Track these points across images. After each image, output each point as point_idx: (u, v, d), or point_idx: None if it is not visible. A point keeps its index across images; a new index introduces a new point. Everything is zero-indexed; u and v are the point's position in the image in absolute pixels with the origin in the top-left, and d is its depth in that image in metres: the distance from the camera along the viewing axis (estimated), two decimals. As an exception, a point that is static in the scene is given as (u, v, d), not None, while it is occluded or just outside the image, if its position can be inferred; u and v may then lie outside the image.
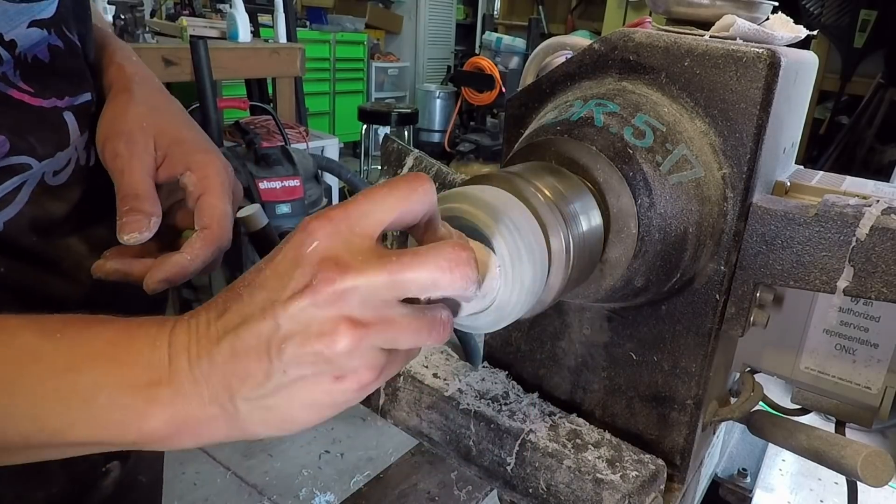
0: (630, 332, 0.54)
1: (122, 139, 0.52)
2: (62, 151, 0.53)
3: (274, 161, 2.42)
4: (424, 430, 0.57)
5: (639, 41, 0.48)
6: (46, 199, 0.53)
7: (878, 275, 0.43)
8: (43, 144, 0.51)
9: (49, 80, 0.52)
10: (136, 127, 0.53)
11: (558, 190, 0.40)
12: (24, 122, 0.49)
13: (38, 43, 0.51)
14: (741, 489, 0.91)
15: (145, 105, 0.55)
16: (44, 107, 0.51)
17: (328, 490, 2.08)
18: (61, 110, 0.53)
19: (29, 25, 0.50)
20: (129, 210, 0.49)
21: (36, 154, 0.50)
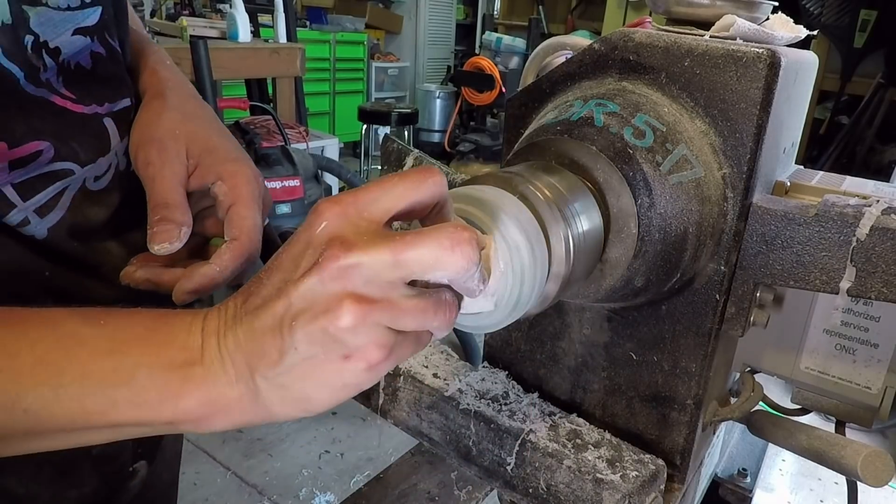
0: (630, 332, 0.54)
1: (154, 146, 0.52)
2: (103, 157, 0.53)
3: (274, 161, 2.42)
4: (424, 430, 0.57)
5: (639, 41, 0.48)
6: (87, 204, 0.53)
7: (878, 275, 0.43)
8: (85, 150, 0.51)
9: (90, 86, 0.52)
10: (169, 134, 0.53)
11: (558, 190, 0.40)
12: (67, 128, 0.50)
13: (82, 50, 0.51)
14: (741, 489, 0.91)
15: (178, 111, 0.55)
16: (85, 113, 0.52)
17: (328, 490, 2.08)
18: (102, 116, 0.53)
19: (73, 33, 0.50)
20: (160, 220, 0.49)
21: (79, 160, 0.51)
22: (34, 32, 0.47)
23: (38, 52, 0.47)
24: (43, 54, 0.48)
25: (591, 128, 0.45)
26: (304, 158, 2.56)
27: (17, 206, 0.48)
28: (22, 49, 0.46)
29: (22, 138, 0.47)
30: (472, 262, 0.32)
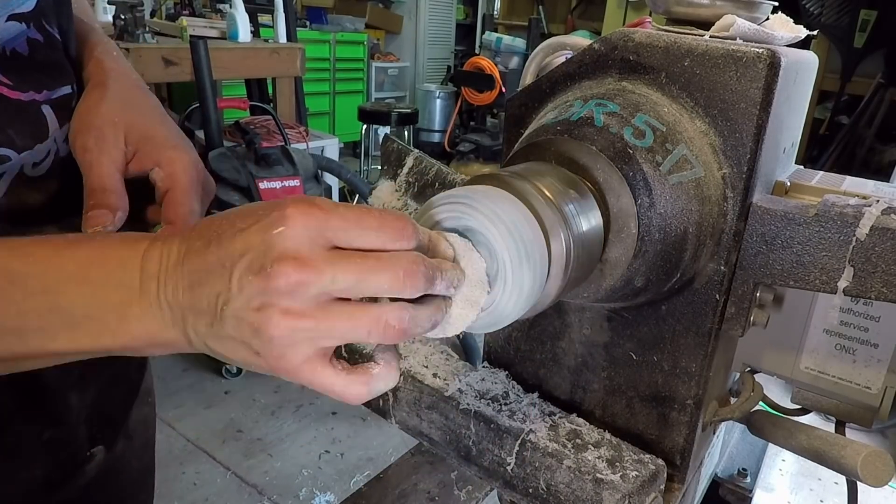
0: (630, 332, 0.54)
1: (92, 133, 0.53)
2: (41, 144, 0.53)
3: (274, 161, 2.42)
4: (424, 430, 0.57)
5: (639, 41, 0.48)
6: (24, 189, 0.53)
7: (878, 275, 0.43)
8: (22, 137, 0.52)
9: (28, 73, 0.52)
10: (107, 122, 0.53)
11: (558, 190, 0.40)
12: (3, 114, 0.50)
13: (17, 36, 0.51)
14: (741, 489, 0.91)
15: (118, 100, 0.56)
16: (22, 100, 0.52)
17: (328, 490, 2.08)
18: (39, 104, 0.53)
19: (7, 19, 0.50)
20: (94, 204, 0.50)
21: (15, 146, 0.51)
22: None
23: None
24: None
25: (591, 128, 0.45)
26: (304, 158, 2.56)
27: None
28: None
29: None
30: (418, 290, 0.34)
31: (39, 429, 0.59)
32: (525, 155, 0.46)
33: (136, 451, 0.75)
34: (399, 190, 0.68)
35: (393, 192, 0.68)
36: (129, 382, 0.74)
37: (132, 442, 0.74)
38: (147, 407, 0.78)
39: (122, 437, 0.72)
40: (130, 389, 0.74)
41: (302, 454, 2.23)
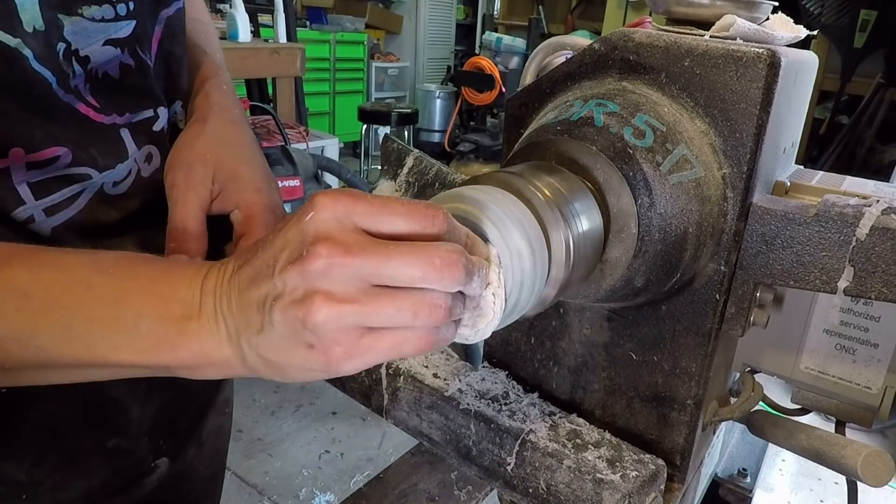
0: (630, 332, 0.54)
1: (182, 169, 0.54)
2: (122, 163, 0.55)
3: (274, 161, 2.42)
4: (424, 430, 0.57)
5: (639, 41, 0.48)
6: (101, 206, 0.55)
7: (878, 275, 0.43)
8: (103, 157, 0.53)
9: (115, 95, 0.53)
10: (199, 159, 0.55)
11: (558, 190, 0.40)
12: (86, 135, 0.51)
13: (111, 60, 0.53)
14: (741, 489, 0.92)
15: (214, 136, 0.57)
16: (104, 123, 0.53)
17: (328, 490, 2.08)
18: (119, 127, 0.55)
19: (104, 43, 0.51)
20: (175, 248, 0.51)
21: (97, 165, 0.52)
22: (66, 40, 0.48)
23: (69, 59, 0.49)
24: (73, 61, 0.49)
25: (591, 128, 0.45)
26: (304, 158, 2.56)
27: (27, 203, 0.49)
28: (54, 55, 0.47)
29: (41, 143, 0.48)
30: (458, 283, 0.33)
31: (101, 439, 0.60)
32: (525, 155, 0.46)
33: (205, 459, 0.76)
34: (399, 190, 0.68)
35: (393, 192, 0.69)
36: (202, 395, 0.75)
37: (203, 450, 0.75)
38: (223, 417, 0.80)
39: (194, 445, 0.73)
40: (203, 402, 0.75)
41: (302, 454, 2.23)
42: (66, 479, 0.58)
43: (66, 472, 0.58)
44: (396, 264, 0.32)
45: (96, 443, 0.60)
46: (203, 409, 0.75)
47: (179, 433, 0.70)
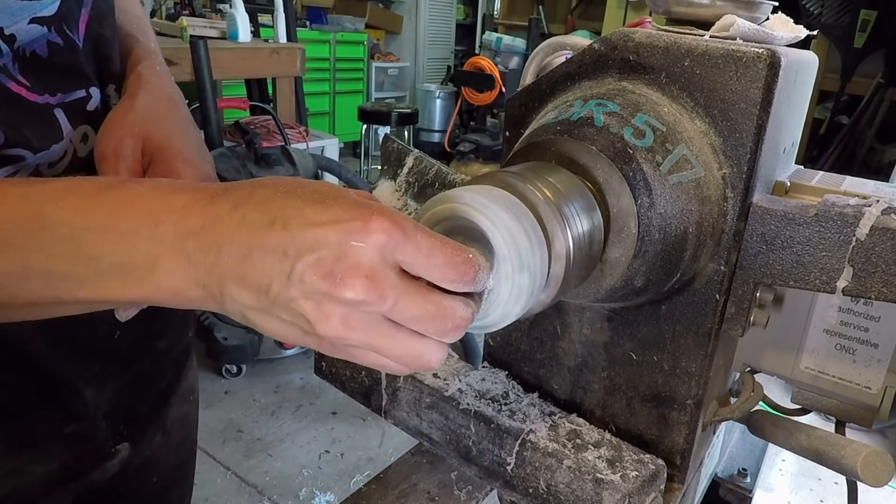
0: (630, 332, 0.54)
1: (111, 143, 0.54)
2: (57, 144, 0.55)
3: (274, 161, 2.42)
4: (424, 430, 0.57)
5: (639, 41, 0.48)
6: None
7: (877, 275, 0.43)
8: (38, 138, 0.53)
9: (45, 75, 0.53)
10: (128, 132, 0.55)
11: (558, 190, 0.40)
12: (19, 115, 0.51)
13: (38, 39, 0.53)
14: (741, 489, 0.91)
15: (143, 111, 0.57)
16: (37, 102, 0.53)
17: (328, 490, 2.08)
18: (52, 107, 0.55)
19: (30, 22, 0.51)
20: None
21: (31, 146, 0.52)
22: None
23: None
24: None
25: (591, 128, 0.45)
26: (304, 158, 2.55)
27: None
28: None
29: None
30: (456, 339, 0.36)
31: (59, 423, 0.60)
32: (525, 155, 0.46)
33: (173, 447, 0.77)
34: (399, 190, 0.68)
35: (393, 192, 0.68)
36: (162, 381, 0.75)
37: (170, 438, 0.75)
38: (188, 404, 0.80)
39: (159, 432, 0.73)
40: (164, 389, 0.75)
41: (302, 454, 2.23)
42: (23, 464, 0.58)
43: (23, 456, 0.58)
44: (415, 318, 0.34)
45: (53, 427, 0.60)
46: (165, 396, 0.75)
47: (141, 419, 0.71)
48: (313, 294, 0.32)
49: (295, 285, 0.32)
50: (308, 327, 0.34)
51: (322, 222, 0.33)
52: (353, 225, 0.32)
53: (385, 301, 0.33)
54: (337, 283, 0.32)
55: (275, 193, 0.35)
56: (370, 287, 0.32)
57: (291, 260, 0.32)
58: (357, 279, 0.32)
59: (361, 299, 0.32)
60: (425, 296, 0.34)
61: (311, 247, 0.32)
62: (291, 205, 0.34)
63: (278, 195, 0.34)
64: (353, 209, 0.33)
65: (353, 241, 0.32)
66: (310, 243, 0.32)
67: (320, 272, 0.32)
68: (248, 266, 0.33)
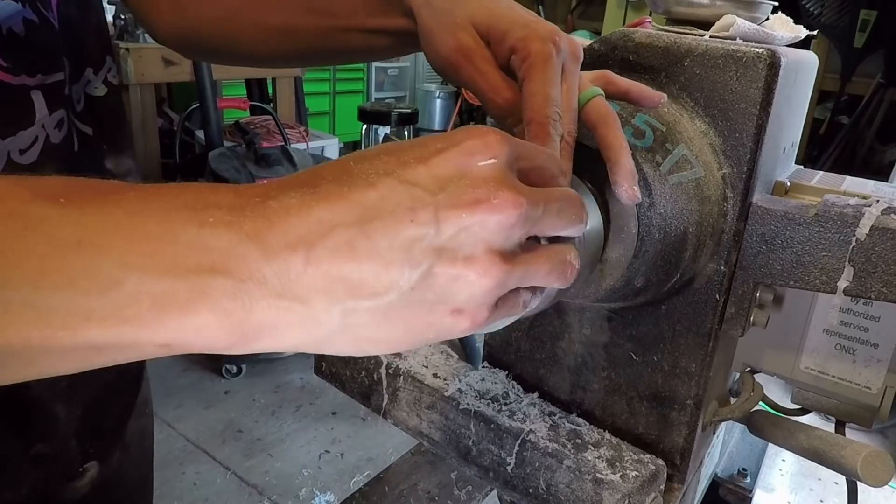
0: (630, 332, 0.54)
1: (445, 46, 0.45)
2: (25, 130, 0.51)
3: (274, 161, 2.42)
4: (424, 430, 0.57)
5: (639, 41, 0.48)
6: None
7: (878, 275, 0.43)
8: (4, 122, 0.49)
9: (23, 55, 0.50)
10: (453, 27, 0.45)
11: (558, 190, 0.40)
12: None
13: (13, 15, 0.49)
14: (741, 489, 0.91)
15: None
16: (12, 84, 0.50)
17: (328, 490, 2.08)
18: (29, 88, 0.51)
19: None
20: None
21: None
22: None
23: None
24: None
25: (591, 128, 0.44)
26: (304, 158, 2.56)
27: None
28: None
29: None
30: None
31: (26, 444, 0.56)
32: (525, 155, 0.46)
33: (133, 463, 0.73)
34: (399, 190, 0.68)
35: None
36: (125, 394, 0.71)
37: (129, 453, 0.72)
38: (144, 418, 0.75)
39: (119, 449, 0.69)
40: (127, 402, 0.72)
41: (302, 454, 2.23)
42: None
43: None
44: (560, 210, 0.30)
45: (21, 449, 0.55)
46: (127, 409, 0.71)
47: (105, 435, 0.66)
48: (465, 239, 0.27)
49: (443, 237, 0.26)
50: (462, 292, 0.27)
51: (432, 155, 0.27)
52: (468, 145, 0.28)
53: (537, 203, 0.28)
54: (493, 207, 0.26)
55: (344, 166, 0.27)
56: (519, 199, 0.27)
57: (426, 209, 0.26)
58: (506, 192, 0.27)
59: (520, 210, 0.27)
60: (549, 190, 0.30)
61: (440, 184, 0.27)
62: (380, 161, 0.27)
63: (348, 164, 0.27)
64: (447, 137, 0.28)
65: (479, 160, 0.27)
66: (435, 181, 0.27)
67: (465, 204, 0.26)
68: (363, 249, 0.26)
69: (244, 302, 0.25)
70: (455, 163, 0.27)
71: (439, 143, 0.28)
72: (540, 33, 0.41)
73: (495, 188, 0.27)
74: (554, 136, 0.38)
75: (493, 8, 0.44)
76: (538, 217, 0.29)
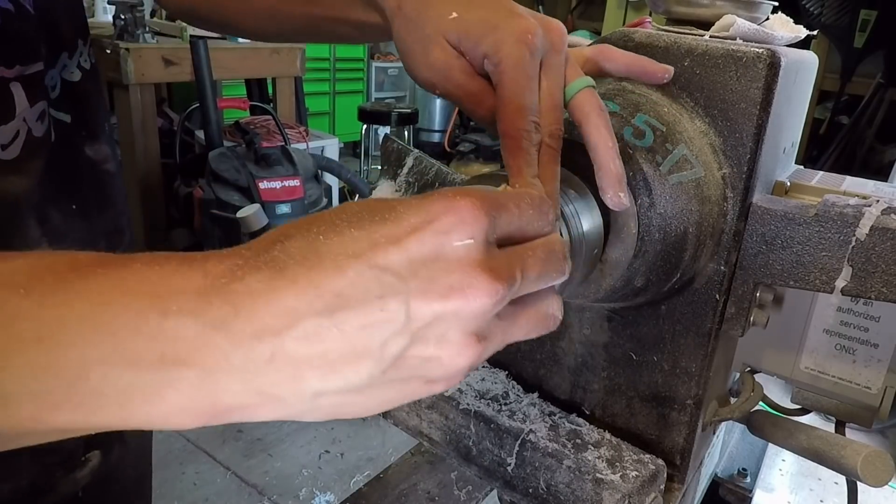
0: (630, 332, 0.54)
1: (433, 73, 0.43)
2: (6, 125, 0.49)
3: (274, 161, 2.42)
4: (424, 430, 0.57)
5: (639, 41, 0.48)
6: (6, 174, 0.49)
7: (877, 275, 0.43)
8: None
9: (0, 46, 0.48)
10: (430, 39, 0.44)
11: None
12: None
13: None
14: (741, 489, 0.91)
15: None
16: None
17: (328, 490, 2.08)
18: (9, 81, 0.49)
19: None
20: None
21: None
22: None
23: None
24: None
25: (591, 128, 0.44)
26: (304, 158, 2.56)
27: None
28: None
29: None
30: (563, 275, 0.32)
31: None
32: (525, 155, 0.46)
33: (132, 459, 0.73)
34: (399, 190, 0.68)
35: (393, 193, 0.68)
36: None
37: (127, 448, 0.71)
38: None
39: (117, 442, 0.69)
40: None
41: (302, 454, 2.23)
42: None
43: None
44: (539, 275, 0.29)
45: None
46: None
47: None
48: (438, 325, 0.26)
49: (414, 326, 0.26)
50: (436, 370, 0.27)
51: (405, 235, 0.26)
52: (443, 224, 0.26)
53: (514, 280, 0.27)
54: (467, 296, 0.26)
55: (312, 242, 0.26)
56: (495, 279, 0.26)
57: (397, 298, 0.25)
58: (482, 280, 0.26)
59: (495, 298, 0.26)
60: (530, 249, 0.29)
61: (412, 270, 0.25)
62: (349, 238, 0.26)
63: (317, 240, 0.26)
64: (421, 209, 0.27)
65: (455, 240, 0.26)
66: (407, 266, 0.25)
67: (437, 293, 0.26)
68: (332, 338, 0.25)
69: (211, 390, 0.25)
70: (429, 244, 0.26)
71: (413, 216, 0.26)
72: (511, 34, 0.38)
73: (470, 274, 0.26)
74: (528, 147, 0.36)
75: (463, 13, 0.41)
76: (517, 289, 0.28)
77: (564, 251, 0.31)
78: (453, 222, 0.26)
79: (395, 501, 0.69)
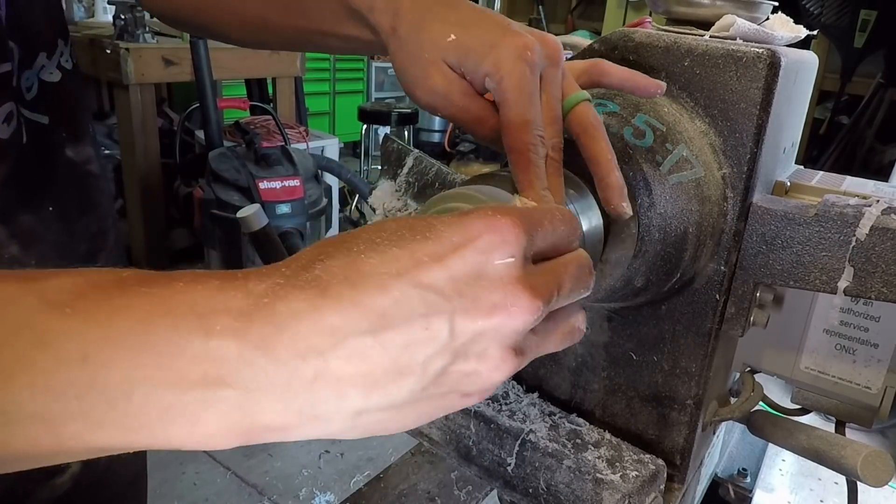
0: (630, 332, 0.54)
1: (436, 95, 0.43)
2: None
3: (274, 161, 2.42)
4: (424, 429, 0.57)
5: (639, 41, 0.48)
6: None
7: (878, 275, 0.43)
8: None
9: None
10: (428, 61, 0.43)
11: (558, 190, 0.40)
12: None
13: None
14: (741, 489, 0.91)
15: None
16: None
17: (328, 490, 2.08)
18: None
19: None
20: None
21: None
22: None
23: None
24: None
25: (591, 128, 0.44)
26: (304, 158, 2.56)
27: None
28: None
29: None
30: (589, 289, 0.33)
31: None
32: (525, 155, 0.46)
33: (124, 461, 0.71)
34: (399, 190, 0.68)
35: (393, 192, 0.68)
36: None
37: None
38: None
39: None
40: None
41: (302, 454, 2.23)
42: None
43: None
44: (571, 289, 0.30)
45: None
46: None
47: None
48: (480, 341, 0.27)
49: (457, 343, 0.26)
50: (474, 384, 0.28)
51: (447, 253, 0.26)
52: (485, 242, 0.27)
53: (552, 297, 0.28)
54: (510, 314, 0.26)
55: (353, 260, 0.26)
56: (535, 297, 0.27)
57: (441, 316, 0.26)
58: (524, 298, 0.27)
59: (536, 315, 0.27)
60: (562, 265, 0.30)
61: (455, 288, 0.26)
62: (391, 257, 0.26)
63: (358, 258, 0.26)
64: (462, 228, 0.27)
65: (496, 259, 0.27)
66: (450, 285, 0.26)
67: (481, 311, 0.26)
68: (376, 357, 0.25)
69: (251, 410, 0.25)
70: (471, 263, 0.27)
71: (454, 234, 0.27)
72: (510, 51, 0.39)
73: (512, 292, 0.27)
74: (536, 161, 0.37)
75: (461, 34, 0.41)
76: (553, 306, 0.29)
77: (591, 266, 0.32)
78: (494, 241, 0.27)
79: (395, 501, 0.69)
